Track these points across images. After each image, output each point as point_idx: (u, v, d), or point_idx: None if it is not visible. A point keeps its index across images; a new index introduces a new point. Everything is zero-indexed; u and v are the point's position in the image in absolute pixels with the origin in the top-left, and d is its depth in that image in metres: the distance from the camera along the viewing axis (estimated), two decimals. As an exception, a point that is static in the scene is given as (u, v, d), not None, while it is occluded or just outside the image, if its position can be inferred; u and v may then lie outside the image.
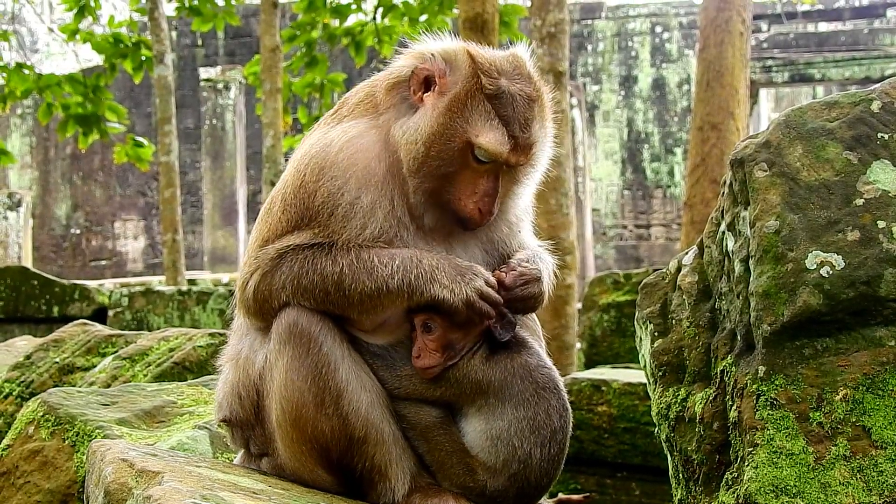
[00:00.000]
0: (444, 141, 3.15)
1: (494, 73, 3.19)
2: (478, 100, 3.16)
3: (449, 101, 3.17)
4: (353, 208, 3.18)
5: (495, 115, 3.15)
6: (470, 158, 3.17)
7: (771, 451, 2.66)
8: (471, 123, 3.14)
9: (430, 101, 3.21)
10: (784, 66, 24.98)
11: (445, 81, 3.20)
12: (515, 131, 3.16)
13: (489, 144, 3.13)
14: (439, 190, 3.21)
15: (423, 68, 3.22)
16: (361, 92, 3.44)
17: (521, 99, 3.19)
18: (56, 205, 33.08)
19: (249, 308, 3.28)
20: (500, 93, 3.16)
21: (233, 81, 27.87)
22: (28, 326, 12.60)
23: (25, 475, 4.05)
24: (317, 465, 3.18)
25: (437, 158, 3.16)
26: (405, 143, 3.20)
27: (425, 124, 3.18)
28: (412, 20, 17.08)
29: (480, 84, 3.16)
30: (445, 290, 3.11)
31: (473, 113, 3.15)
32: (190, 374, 5.22)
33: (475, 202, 3.20)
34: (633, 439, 6.21)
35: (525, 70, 3.27)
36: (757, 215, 2.84)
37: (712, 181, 13.31)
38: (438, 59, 3.22)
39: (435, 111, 3.18)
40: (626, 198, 30.46)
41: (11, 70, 18.46)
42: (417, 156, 3.17)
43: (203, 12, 17.66)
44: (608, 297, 9.97)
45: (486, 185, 3.20)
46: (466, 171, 3.19)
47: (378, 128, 3.28)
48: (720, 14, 13.91)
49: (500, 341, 3.20)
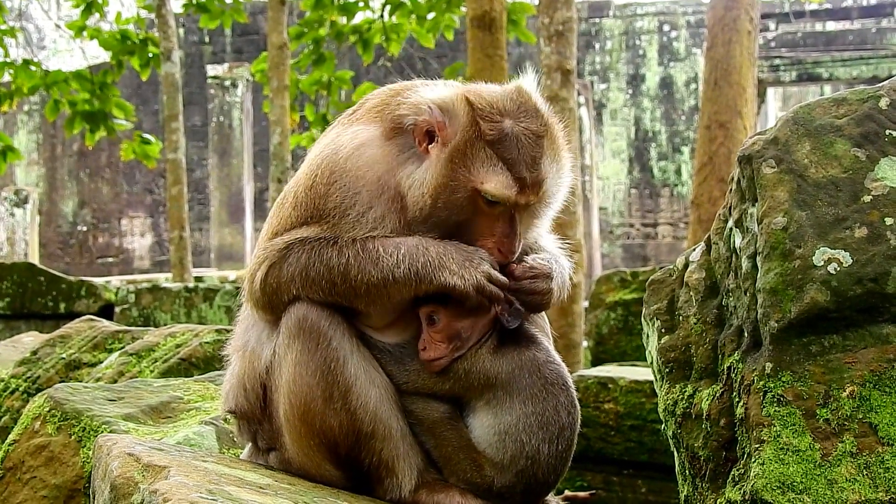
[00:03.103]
0: (450, 192, 3.12)
1: (496, 116, 3.13)
2: (478, 147, 3.11)
3: (450, 153, 3.12)
4: (364, 216, 3.19)
5: (498, 159, 3.10)
6: (481, 204, 3.14)
7: (778, 447, 2.66)
8: (473, 172, 3.10)
9: (434, 152, 3.16)
10: (792, 65, 24.99)
11: (446, 133, 3.15)
12: (522, 172, 3.10)
13: (495, 190, 3.09)
14: (453, 235, 3.19)
15: (424, 121, 3.17)
16: (377, 98, 3.41)
17: (526, 138, 3.13)
18: (63, 202, 33.14)
19: (258, 300, 3.28)
20: (503, 136, 3.11)
21: (240, 79, 27.91)
22: (35, 323, 12.61)
23: (32, 470, 4.06)
24: (324, 460, 3.18)
25: (445, 209, 3.15)
26: (412, 197, 3.17)
27: (430, 177, 3.14)
28: (420, 18, 17.07)
29: (480, 130, 3.11)
30: (455, 276, 3.10)
31: (475, 161, 3.11)
32: (196, 370, 5.22)
33: (494, 243, 3.19)
34: (640, 437, 6.21)
35: (531, 105, 3.20)
36: (765, 212, 2.84)
37: (720, 180, 13.28)
38: (436, 111, 3.16)
39: (438, 163, 3.14)
40: (634, 196, 30.45)
41: (18, 66, 18.47)
42: (425, 207, 3.15)
43: (210, 9, 17.65)
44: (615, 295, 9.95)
45: (503, 227, 3.18)
46: (481, 217, 3.17)
47: (392, 144, 3.25)
48: (728, 13, 13.88)
49: (507, 331, 3.19)
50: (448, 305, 3.16)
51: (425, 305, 3.18)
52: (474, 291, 3.11)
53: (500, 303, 3.17)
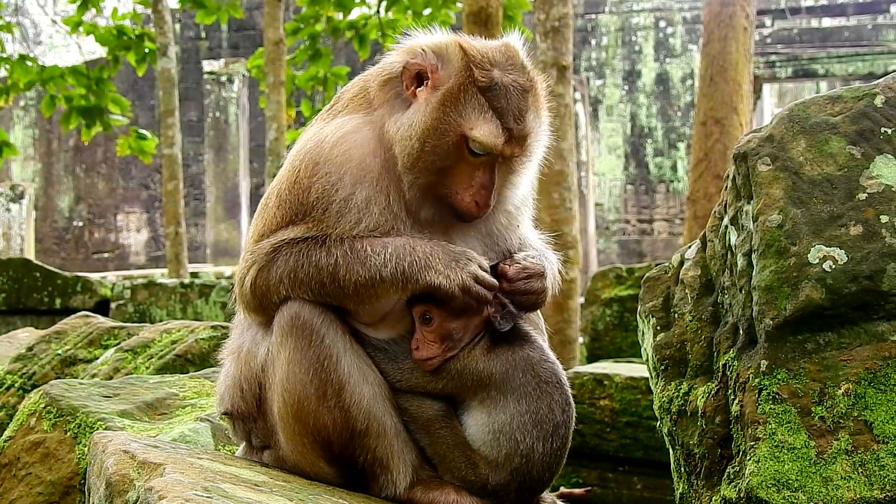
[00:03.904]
0: (439, 135, 3.14)
1: (487, 65, 3.17)
2: (471, 93, 3.14)
3: (442, 95, 3.15)
4: (348, 204, 3.18)
5: (489, 107, 3.14)
6: (465, 152, 3.16)
7: (773, 445, 2.66)
8: (464, 117, 3.13)
9: (423, 96, 3.19)
10: (787, 61, 25.00)
11: (438, 76, 3.18)
12: (510, 123, 3.14)
13: (483, 137, 3.12)
14: (435, 184, 3.20)
15: (415, 63, 3.20)
16: (355, 87, 3.43)
17: (515, 90, 3.17)
18: (59, 197, 33.10)
19: (249, 303, 3.28)
20: (493, 85, 3.15)
21: (236, 74, 27.89)
22: (30, 318, 12.60)
23: (27, 467, 4.06)
24: (319, 458, 3.18)
25: (432, 153, 3.15)
26: (399, 140, 3.19)
27: (419, 119, 3.16)
28: (416, 14, 17.06)
29: (473, 77, 3.15)
30: (440, 276, 3.11)
31: (467, 106, 3.14)
32: (192, 366, 5.22)
33: (472, 195, 3.19)
34: (635, 433, 6.22)
35: (518, 60, 3.24)
36: (760, 209, 2.84)
37: (715, 176, 13.30)
38: (429, 54, 3.20)
39: (428, 106, 3.16)
40: (630, 192, 30.45)
41: (15, 62, 18.43)
42: (412, 151, 3.16)
43: (207, 5, 17.62)
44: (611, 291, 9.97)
45: (483, 177, 3.19)
46: (462, 165, 3.18)
47: (372, 123, 3.27)
48: (724, 9, 13.90)
49: (500, 332, 3.19)
50: (441, 305, 3.16)
51: (419, 304, 3.19)
52: (460, 292, 3.11)
53: (487, 304, 3.17)
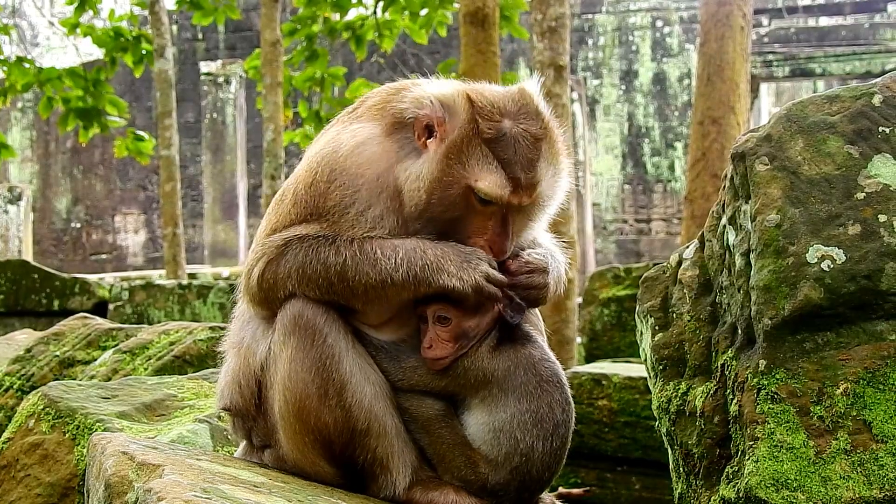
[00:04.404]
0: (444, 187, 3.13)
1: (496, 116, 3.15)
2: (474, 144, 3.12)
3: (447, 148, 3.14)
4: (364, 216, 3.20)
5: (493, 157, 3.11)
6: (474, 202, 3.15)
7: (772, 444, 2.66)
8: (468, 169, 3.11)
9: (432, 147, 3.18)
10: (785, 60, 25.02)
11: (445, 128, 3.17)
12: (517, 172, 3.11)
13: (488, 188, 3.10)
14: (448, 231, 3.20)
15: (424, 115, 3.19)
16: (377, 97, 3.42)
17: (524, 139, 3.14)
18: (56, 199, 33.09)
19: (255, 296, 3.28)
20: (501, 136, 3.12)
21: (233, 75, 27.91)
22: (28, 320, 12.60)
23: (26, 468, 4.06)
24: (319, 458, 3.18)
25: (439, 205, 3.15)
26: (408, 190, 3.18)
27: (426, 171, 3.15)
28: (413, 14, 17.07)
29: (478, 128, 3.13)
30: (453, 278, 3.11)
31: (471, 158, 3.12)
32: (190, 367, 5.22)
33: (486, 241, 3.19)
34: (634, 433, 6.22)
35: (532, 107, 3.21)
36: (758, 209, 2.84)
37: (713, 176, 13.32)
38: (437, 106, 3.18)
39: (435, 158, 3.15)
40: (627, 192, 30.45)
41: (12, 64, 18.45)
42: (419, 202, 3.16)
43: (203, 6, 17.63)
44: (608, 291, 9.97)
45: (496, 226, 3.19)
46: (474, 214, 3.18)
47: (391, 141, 3.27)
48: (721, 8, 13.91)
49: (511, 325, 3.20)
50: (456, 305, 3.16)
51: (432, 304, 3.18)
52: (473, 292, 3.12)
53: (499, 301, 3.17)
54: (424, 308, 3.20)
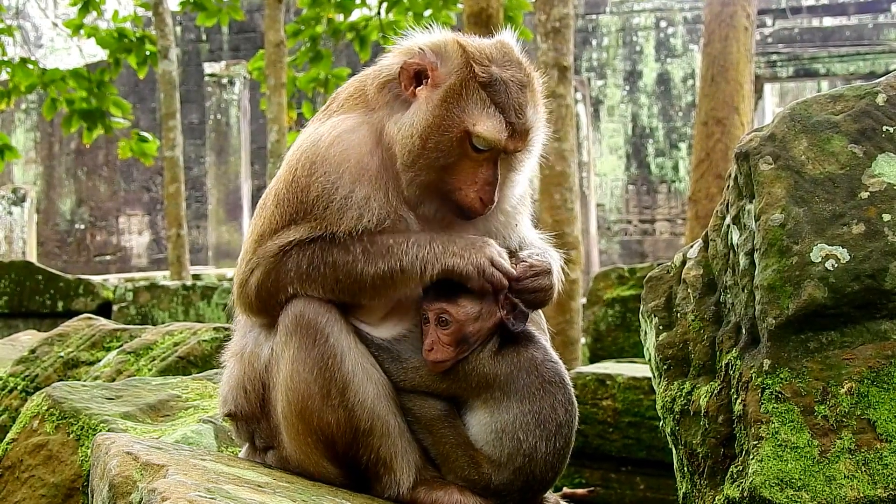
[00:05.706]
0: (441, 132, 3.15)
1: (486, 61, 3.18)
2: (472, 89, 3.15)
3: (444, 93, 3.16)
4: (348, 202, 3.18)
5: (491, 102, 3.15)
6: (468, 148, 3.16)
7: (776, 444, 2.66)
8: (467, 113, 3.14)
9: (423, 94, 3.20)
10: (788, 60, 25.00)
11: (437, 74, 3.19)
12: (511, 117, 3.16)
13: (487, 132, 3.12)
14: (437, 182, 3.20)
15: (413, 63, 3.21)
16: (351, 87, 3.44)
17: (514, 85, 3.18)
18: (60, 200, 33.11)
19: (252, 306, 3.28)
20: (494, 80, 3.16)
21: (237, 76, 27.90)
22: (33, 321, 12.62)
23: (30, 469, 4.06)
24: (322, 458, 3.18)
25: (434, 150, 3.16)
26: (401, 139, 3.19)
27: (421, 118, 3.17)
28: (416, 15, 17.06)
29: (474, 73, 3.16)
30: (456, 257, 3.13)
31: (469, 102, 3.15)
32: (194, 368, 5.23)
33: (476, 191, 3.19)
34: (638, 433, 6.21)
35: (514, 56, 3.26)
36: (762, 208, 2.84)
37: (717, 176, 13.31)
38: (428, 52, 3.21)
39: (429, 104, 3.17)
40: (631, 193, 30.44)
41: (16, 65, 18.47)
42: (413, 149, 3.17)
43: (207, 7, 17.63)
44: (613, 291, 9.97)
45: (486, 173, 3.19)
46: (464, 162, 3.19)
47: (370, 124, 3.27)
48: (725, 9, 13.90)
49: (513, 332, 3.19)
50: (457, 307, 3.15)
51: (435, 305, 3.18)
52: (476, 273, 3.13)
53: (502, 290, 3.17)
54: (428, 307, 3.19)
